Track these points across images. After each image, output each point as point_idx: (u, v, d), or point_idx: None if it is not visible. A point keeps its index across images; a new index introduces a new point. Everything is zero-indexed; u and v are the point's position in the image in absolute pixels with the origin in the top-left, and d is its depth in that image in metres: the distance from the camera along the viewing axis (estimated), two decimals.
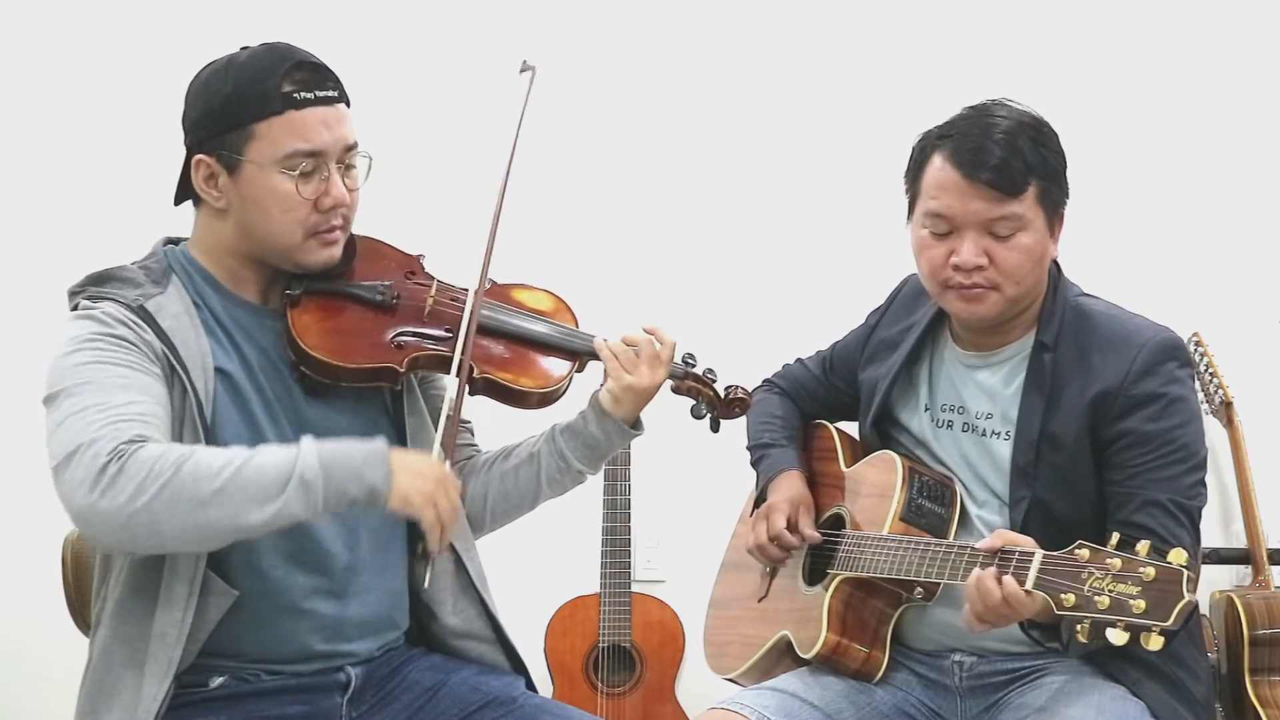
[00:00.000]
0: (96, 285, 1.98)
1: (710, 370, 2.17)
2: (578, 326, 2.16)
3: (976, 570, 1.95)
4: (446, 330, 2.06)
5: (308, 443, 1.86)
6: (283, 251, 2.02)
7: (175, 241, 2.09)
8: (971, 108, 2.18)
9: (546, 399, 2.12)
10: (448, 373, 2.04)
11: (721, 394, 2.17)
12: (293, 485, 1.81)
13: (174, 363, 1.93)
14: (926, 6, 3.78)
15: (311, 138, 1.97)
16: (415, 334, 2.07)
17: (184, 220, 2.10)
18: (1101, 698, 2.08)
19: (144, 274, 2.01)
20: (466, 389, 2.05)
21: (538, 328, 2.13)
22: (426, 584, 1.93)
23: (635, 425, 2.15)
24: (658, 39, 3.80)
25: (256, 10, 3.59)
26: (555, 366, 2.11)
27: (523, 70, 2.11)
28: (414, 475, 1.88)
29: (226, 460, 1.81)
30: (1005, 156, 2.08)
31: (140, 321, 1.93)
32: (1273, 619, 3.25)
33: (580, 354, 2.13)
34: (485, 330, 2.09)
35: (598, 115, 3.78)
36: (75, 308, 1.98)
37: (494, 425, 2.35)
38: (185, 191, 2.06)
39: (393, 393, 2.13)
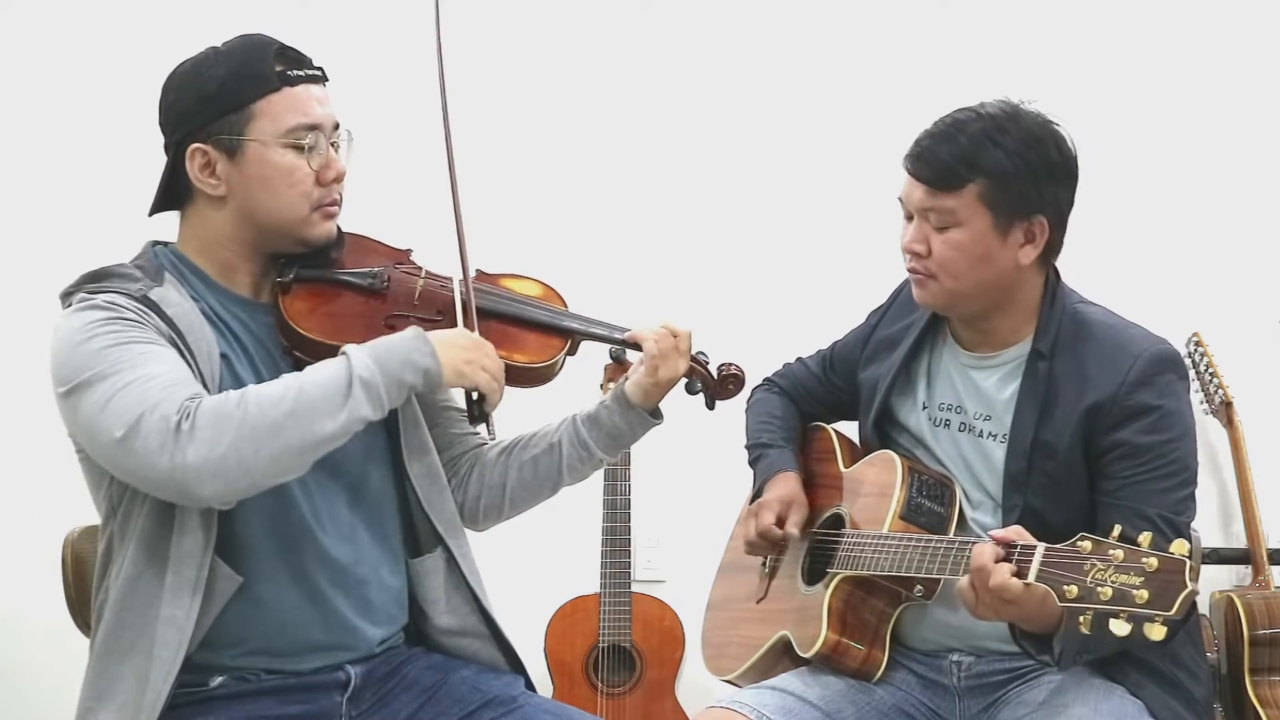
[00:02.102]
0: (94, 282, 1.98)
1: (702, 352, 2.20)
2: (567, 309, 2.20)
3: (977, 545, 1.94)
4: (438, 314, 2.09)
5: (353, 348, 1.92)
6: (288, 228, 2.03)
7: (163, 244, 2.09)
8: (963, 107, 2.19)
9: (541, 376, 2.14)
10: None
11: (715, 373, 2.21)
12: (356, 388, 1.87)
13: (182, 350, 1.93)
14: (927, 6, 3.78)
15: (309, 112, 2.01)
16: (407, 316, 2.09)
17: (169, 227, 2.10)
18: (1100, 698, 2.08)
19: (140, 270, 2.01)
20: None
21: (529, 308, 2.16)
22: (493, 437, 2.05)
23: (655, 414, 2.19)
24: (660, 39, 3.80)
25: (248, 18, 3.59)
26: (548, 344, 2.14)
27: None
28: (456, 349, 1.97)
29: (284, 387, 1.87)
30: (937, 149, 2.12)
31: (146, 309, 1.94)
32: (1273, 619, 3.25)
33: (573, 334, 2.15)
34: (479, 311, 2.11)
35: (602, 112, 3.78)
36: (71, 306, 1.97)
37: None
38: (165, 199, 2.07)
39: None
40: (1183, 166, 3.72)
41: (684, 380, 2.19)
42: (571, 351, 2.16)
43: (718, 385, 2.21)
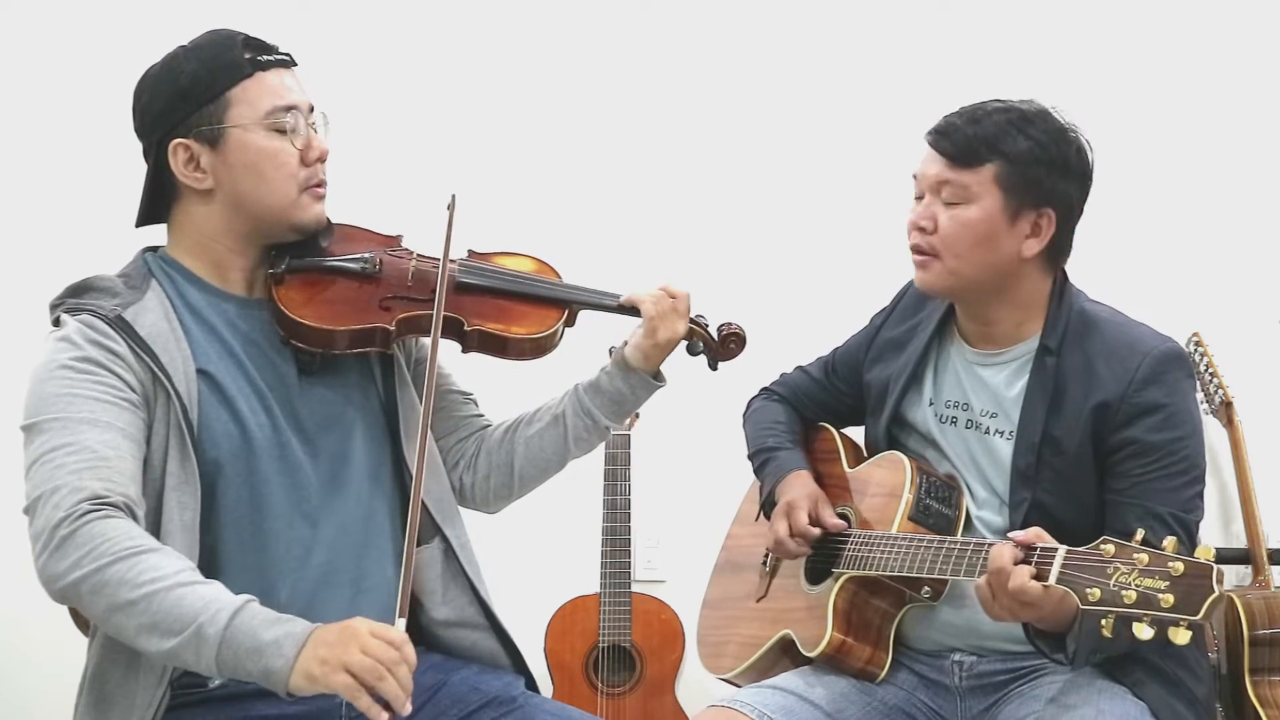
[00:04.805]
0: (75, 296, 1.99)
1: (701, 315, 2.22)
2: (562, 281, 2.20)
3: (996, 546, 1.94)
4: (432, 294, 2.09)
5: (238, 600, 1.78)
6: (278, 213, 2.03)
7: (156, 250, 2.09)
8: (994, 99, 2.22)
9: (540, 347, 2.15)
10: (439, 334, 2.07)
11: (716, 334, 2.22)
12: (189, 633, 1.75)
13: (155, 370, 1.93)
14: (927, 6, 3.78)
15: (284, 94, 2.02)
16: (401, 298, 2.10)
17: (161, 232, 2.10)
18: (1102, 698, 2.08)
19: (122, 282, 2.01)
20: (460, 346, 2.12)
21: (523, 282, 2.17)
22: None
23: (657, 377, 2.19)
24: (659, 38, 3.79)
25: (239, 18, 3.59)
26: (545, 316, 2.16)
27: (449, 206, 2.13)
28: (321, 646, 1.76)
29: (160, 575, 1.77)
30: (963, 127, 2.15)
31: (116, 334, 1.93)
32: (1273, 619, 3.24)
33: (568, 304, 2.17)
34: (472, 289, 2.14)
35: (605, 111, 3.78)
36: (56, 321, 1.98)
37: (493, 397, 2.37)
38: (150, 208, 2.06)
39: (383, 369, 2.14)
40: (1183, 167, 3.72)
41: (685, 343, 2.20)
42: (569, 322, 2.18)
43: (719, 345, 2.22)
